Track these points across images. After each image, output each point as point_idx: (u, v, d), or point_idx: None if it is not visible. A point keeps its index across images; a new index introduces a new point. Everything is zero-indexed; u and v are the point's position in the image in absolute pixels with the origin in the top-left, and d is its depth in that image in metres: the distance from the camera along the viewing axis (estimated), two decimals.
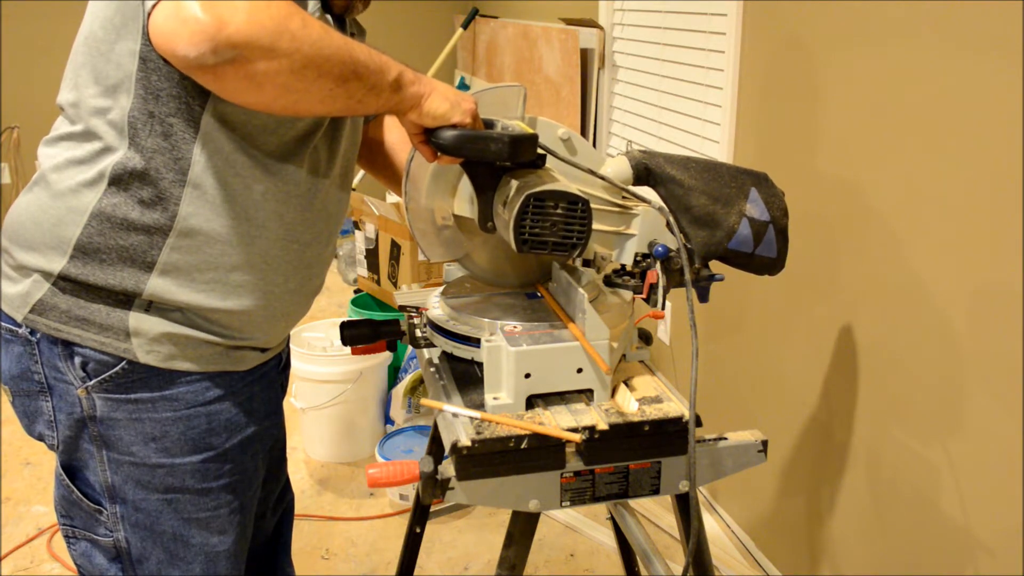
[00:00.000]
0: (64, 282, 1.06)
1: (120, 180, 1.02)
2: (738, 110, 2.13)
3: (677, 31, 2.43)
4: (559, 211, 1.06)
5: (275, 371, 1.27)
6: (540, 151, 1.12)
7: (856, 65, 1.68)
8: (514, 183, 1.09)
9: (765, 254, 1.25)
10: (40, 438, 1.15)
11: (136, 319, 1.06)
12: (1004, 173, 1.35)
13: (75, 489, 1.15)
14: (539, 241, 1.07)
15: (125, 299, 1.06)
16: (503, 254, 1.32)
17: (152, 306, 1.07)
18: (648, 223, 1.21)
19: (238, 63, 0.87)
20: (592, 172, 1.16)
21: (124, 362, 1.07)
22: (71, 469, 1.15)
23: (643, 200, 1.20)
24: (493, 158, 1.07)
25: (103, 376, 1.08)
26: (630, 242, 1.22)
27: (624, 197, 1.21)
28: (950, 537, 1.53)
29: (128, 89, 1.00)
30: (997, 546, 1.44)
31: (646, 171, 1.21)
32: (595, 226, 1.17)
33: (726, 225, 1.22)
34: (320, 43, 0.91)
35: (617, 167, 1.20)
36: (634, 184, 1.21)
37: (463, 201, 1.24)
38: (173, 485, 1.13)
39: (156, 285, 1.05)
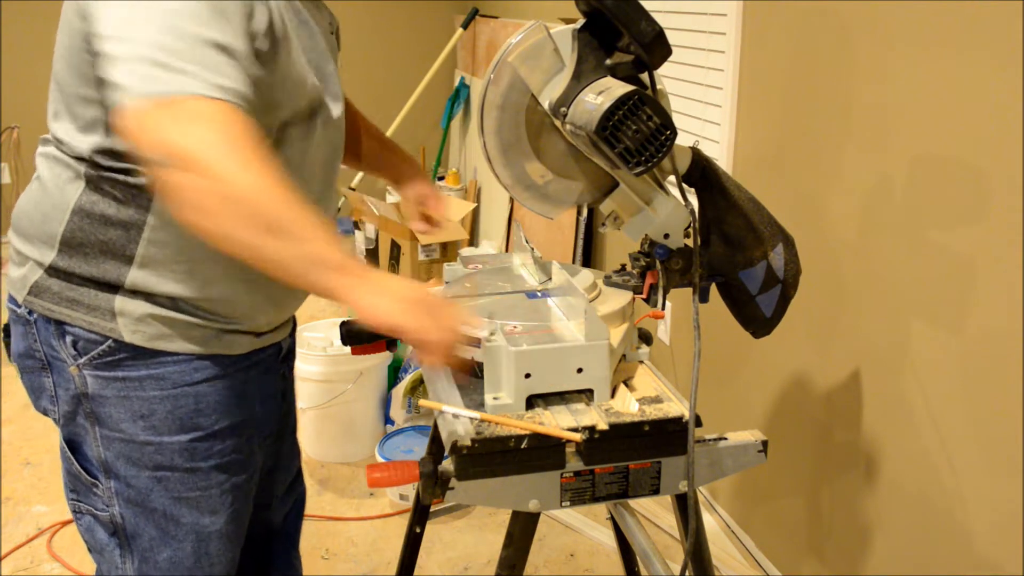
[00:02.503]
0: (54, 271, 1.11)
1: (96, 179, 1.06)
2: (738, 109, 2.13)
3: (677, 31, 2.43)
4: (651, 124, 1.06)
5: (274, 359, 1.27)
6: (646, 87, 1.13)
7: (856, 64, 1.68)
8: (619, 82, 1.10)
9: (762, 306, 1.27)
10: (45, 412, 1.20)
11: (122, 301, 1.10)
12: (1005, 171, 1.35)
13: (75, 462, 1.18)
14: (616, 136, 1.07)
15: (111, 287, 1.10)
16: (573, 160, 1.30)
17: (138, 293, 1.10)
18: (673, 215, 1.21)
19: (174, 174, 0.89)
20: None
21: (110, 340, 1.11)
22: (72, 443, 1.19)
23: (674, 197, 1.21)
24: (634, 32, 1.07)
25: (92, 354, 1.11)
26: (646, 221, 1.21)
27: (666, 181, 1.21)
28: (950, 537, 1.53)
29: (103, 125, 1.03)
30: (997, 546, 1.44)
31: (701, 172, 1.22)
32: (629, 185, 1.19)
33: (748, 254, 1.23)
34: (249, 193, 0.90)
35: (680, 154, 1.20)
36: (684, 178, 1.21)
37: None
38: (162, 463, 1.15)
39: (137, 276, 1.09)
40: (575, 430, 1.07)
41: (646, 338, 1.31)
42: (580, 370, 1.12)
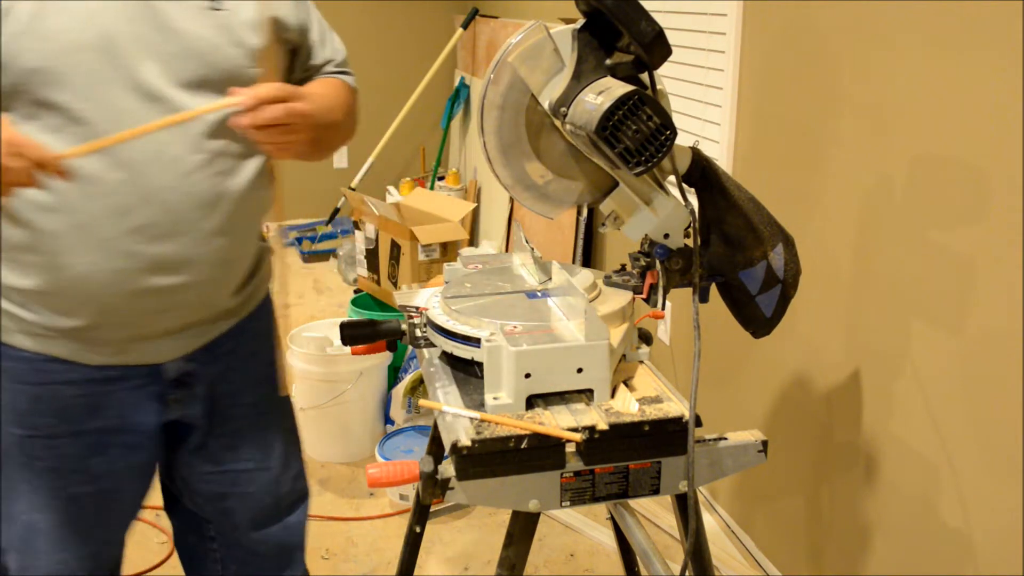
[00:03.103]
0: None
1: None
2: (738, 109, 2.13)
3: (677, 31, 2.43)
4: (651, 124, 1.07)
5: (150, 379, 1.22)
6: (646, 88, 1.13)
7: (856, 64, 1.68)
8: (620, 82, 1.11)
9: (763, 306, 1.27)
10: None
11: None
12: (1005, 171, 1.35)
13: None
14: (616, 136, 1.07)
15: None
16: (574, 160, 1.29)
17: None
18: (673, 215, 1.21)
19: None
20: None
21: None
22: None
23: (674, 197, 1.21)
24: (634, 32, 1.08)
25: None
26: (647, 220, 1.21)
27: (666, 181, 1.22)
28: (949, 537, 1.53)
29: None
30: (996, 546, 1.44)
31: (701, 172, 1.22)
32: (629, 185, 1.19)
33: (748, 254, 1.23)
34: None
35: (680, 154, 1.20)
36: (684, 178, 1.22)
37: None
38: None
39: None
40: (575, 430, 1.07)
41: (646, 338, 1.31)
42: (580, 370, 1.12)
